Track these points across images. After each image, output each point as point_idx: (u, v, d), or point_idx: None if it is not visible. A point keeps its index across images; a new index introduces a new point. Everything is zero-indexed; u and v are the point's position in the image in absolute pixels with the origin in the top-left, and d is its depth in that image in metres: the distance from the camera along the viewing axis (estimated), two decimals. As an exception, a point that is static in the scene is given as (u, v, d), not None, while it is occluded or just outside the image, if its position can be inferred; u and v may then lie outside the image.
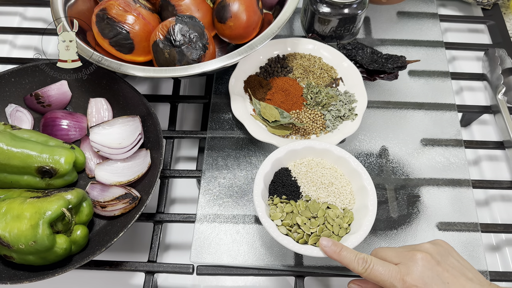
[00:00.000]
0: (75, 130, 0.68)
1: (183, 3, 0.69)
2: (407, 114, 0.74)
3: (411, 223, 0.64)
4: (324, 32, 0.78)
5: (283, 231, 0.56)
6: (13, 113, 0.68)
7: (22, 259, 0.54)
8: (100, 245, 0.56)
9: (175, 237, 0.68)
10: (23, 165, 0.59)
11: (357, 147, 0.71)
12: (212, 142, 0.70)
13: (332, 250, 0.52)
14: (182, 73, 0.62)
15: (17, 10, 0.90)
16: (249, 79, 0.72)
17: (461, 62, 0.87)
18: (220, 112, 0.73)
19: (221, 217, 0.64)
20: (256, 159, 0.68)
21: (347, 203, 0.59)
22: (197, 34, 0.64)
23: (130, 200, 0.60)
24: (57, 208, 0.53)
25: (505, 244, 0.68)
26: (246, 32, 0.70)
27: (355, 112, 0.69)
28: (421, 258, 0.49)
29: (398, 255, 0.50)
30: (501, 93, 0.75)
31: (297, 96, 0.70)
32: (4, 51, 0.84)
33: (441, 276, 0.48)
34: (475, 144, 0.74)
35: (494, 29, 0.87)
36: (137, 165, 0.64)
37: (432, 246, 0.51)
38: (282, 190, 0.59)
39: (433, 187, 0.67)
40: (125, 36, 0.66)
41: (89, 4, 0.74)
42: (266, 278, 0.64)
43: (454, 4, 0.93)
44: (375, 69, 0.73)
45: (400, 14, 0.87)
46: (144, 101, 0.66)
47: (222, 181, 0.66)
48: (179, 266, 0.60)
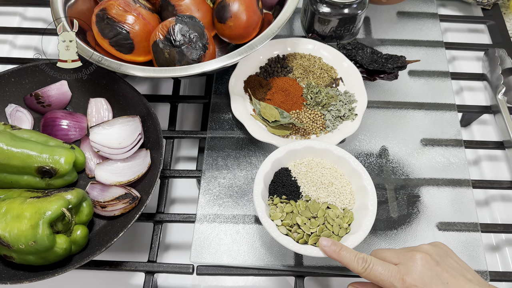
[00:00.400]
0: (75, 130, 0.68)
1: (183, 3, 0.69)
2: (407, 114, 0.74)
3: (411, 223, 0.64)
4: (324, 32, 0.78)
5: (283, 231, 0.56)
6: (13, 113, 0.68)
7: (22, 259, 0.54)
8: (100, 245, 0.56)
9: (175, 237, 0.68)
10: (23, 165, 0.59)
11: (357, 147, 0.71)
12: (212, 142, 0.70)
13: (332, 250, 0.52)
14: (182, 73, 0.62)
15: (17, 10, 0.90)
16: (249, 79, 0.72)
17: (461, 62, 0.86)
18: (220, 112, 0.73)
19: (221, 217, 0.64)
20: (256, 159, 0.68)
21: (347, 203, 0.59)
22: (197, 34, 0.64)
23: (130, 200, 0.60)
24: (57, 208, 0.53)
25: (505, 244, 0.68)
26: (246, 32, 0.70)
27: (355, 112, 0.69)
28: (420, 258, 0.49)
29: (397, 255, 0.50)
30: (501, 93, 0.75)
31: (297, 96, 0.70)
32: (4, 51, 0.84)
33: (440, 276, 0.48)
34: (475, 144, 0.74)
35: (494, 29, 0.87)
36: (137, 165, 0.64)
37: (431, 247, 0.51)
38: (282, 190, 0.59)
39: (433, 187, 0.67)
40: (125, 36, 0.66)
41: (89, 4, 0.74)
42: (266, 278, 0.64)
43: (454, 4, 0.93)
44: (375, 69, 0.73)
45: (400, 14, 0.87)
46: (144, 101, 0.66)
47: (222, 181, 0.66)
48: (179, 266, 0.60)
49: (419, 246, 0.52)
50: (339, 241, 0.56)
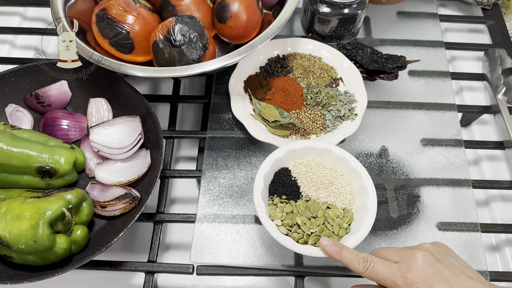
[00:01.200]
0: (75, 130, 0.68)
1: (183, 3, 0.69)
2: (407, 114, 0.74)
3: (411, 223, 0.64)
4: (324, 32, 0.78)
5: (283, 231, 0.56)
6: (13, 113, 0.68)
7: (22, 259, 0.54)
8: (100, 245, 0.56)
9: (175, 237, 0.68)
10: (23, 165, 0.59)
11: (357, 147, 0.71)
12: (212, 142, 0.70)
13: (333, 250, 0.52)
14: (182, 73, 0.62)
15: (17, 10, 0.90)
16: (249, 79, 0.72)
17: (461, 62, 0.86)
18: (220, 112, 0.73)
19: (221, 217, 0.64)
20: (256, 159, 0.68)
21: (347, 203, 0.59)
22: (197, 34, 0.64)
23: (130, 200, 0.60)
24: (57, 208, 0.53)
25: (505, 244, 0.68)
26: (246, 32, 0.70)
27: (355, 112, 0.69)
28: (421, 255, 0.49)
29: (397, 254, 0.50)
30: (501, 93, 0.75)
31: (297, 96, 0.70)
32: (4, 51, 0.84)
33: (441, 273, 0.48)
34: (475, 144, 0.74)
35: (494, 29, 0.87)
36: (137, 165, 0.64)
37: (431, 245, 0.51)
38: (282, 190, 0.59)
39: (433, 187, 0.67)
40: (125, 36, 0.66)
41: (89, 4, 0.74)
42: (266, 278, 0.64)
43: (454, 4, 0.93)
44: (375, 69, 0.73)
45: (400, 14, 0.87)
46: (144, 101, 0.66)
47: (222, 181, 0.66)
48: (179, 266, 0.60)
49: (420, 245, 0.52)
50: (339, 241, 0.56)
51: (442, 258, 0.49)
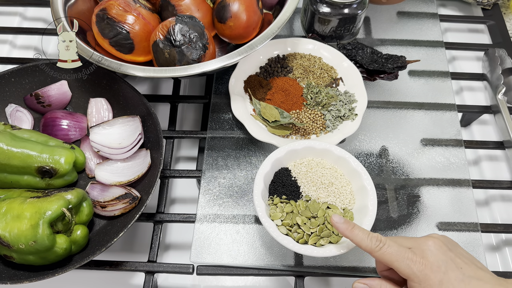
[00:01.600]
0: (75, 130, 0.68)
1: (183, 3, 0.69)
2: (407, 114, 0.74)
3: (411, 223, 0.64)
4: (324, 32, 0.78)
5: (283, 231, 0.56)
6: (13, 113, 0.68)
7: (22, 259, 0.54)
8: (100, 245, 0.56)
9: (175, 237, 0.68)
10: (23, 165, 0.59)
11: (357, 147, 0.71)
12: (212, 142, 0.70)
13: (344, 227, 0.51)
14: (182, 73, 0.62)
15: (17, 10, 0.90)
16: (249, 79, 0.72)
17: (461, 62, 0.86)
18: (220, 112, 0.73)
19: (221, 217, 0.64)
20: (256, 159, 0.68)
21: (347, 203, 0.59)
22: (197, 34, 0.64)
23: (130, 200, 0.60)
24: (57, 208, 0.53)
25: (505, 244, 0.68)
26: (246, 32, 0.70)
27: (355, 112, 0.69)
28: (433, 243, 0.48)
29: (409, 241, 0.50)
30: (501, 93, 0.75)
31: (297, 96, 0.70)
32: (4, 51, 0.84)
33: (454, 261, 0.48)
34: (475, 144, 0.74)
35: (494, 29, 0.87)
36: (137, 165, 0.64)
37: (441, 236, 0.51)
38: (282, 190, 0.59)
39: (433, 187, 0.67)
40: (125, 36, 0.66)
41: (89, 4, 0.74)
42: (266, 278, 0.64)
43: (454, 4, 0.93)
44: (375, 69, 0.73)
45: (400, 14, 0.87)
46: (144, 101, 0.66)
47: (222, 181, 0.66)
48: (179, 266, 0.60)
49: (430, 234, 0.51)
50: (340, 241, 0.56)
51: (452, 248, 0.49)
